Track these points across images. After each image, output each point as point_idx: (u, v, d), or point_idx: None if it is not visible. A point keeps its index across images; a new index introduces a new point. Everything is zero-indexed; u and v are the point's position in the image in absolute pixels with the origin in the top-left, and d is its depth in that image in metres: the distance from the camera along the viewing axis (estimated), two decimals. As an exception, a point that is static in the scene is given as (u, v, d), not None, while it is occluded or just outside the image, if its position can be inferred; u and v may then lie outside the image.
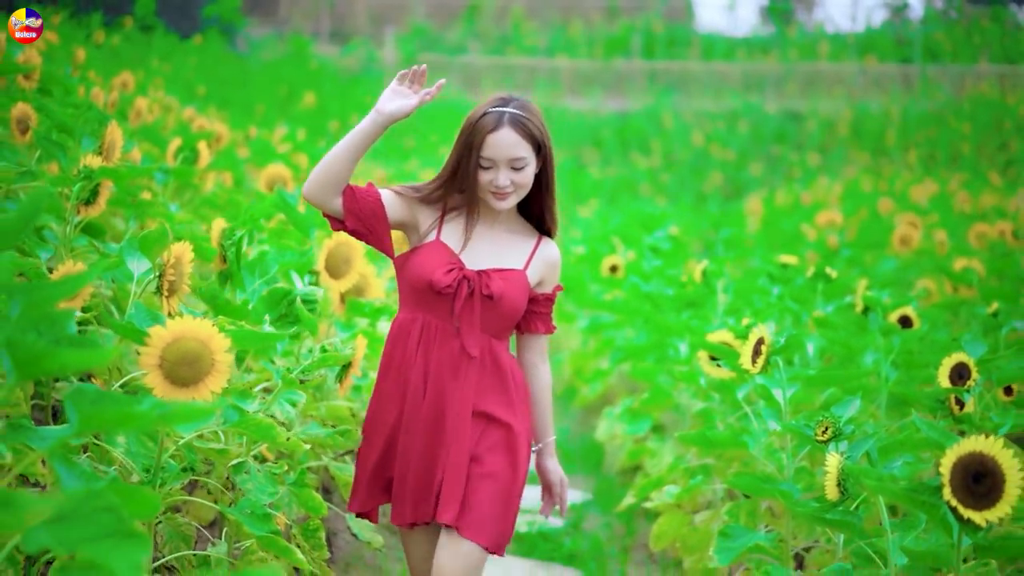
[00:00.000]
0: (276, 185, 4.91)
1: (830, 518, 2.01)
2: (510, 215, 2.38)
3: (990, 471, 1.63)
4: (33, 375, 1.36)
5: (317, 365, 2.39)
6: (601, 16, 24.00)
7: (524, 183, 2.28)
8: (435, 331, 2.29)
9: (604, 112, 18.83)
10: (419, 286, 2.30)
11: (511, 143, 2.25)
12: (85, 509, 1.33)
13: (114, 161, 3.06)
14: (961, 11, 22.59)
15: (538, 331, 2.41)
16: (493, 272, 2.30)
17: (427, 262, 2.29)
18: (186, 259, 2.32)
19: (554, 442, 2.47)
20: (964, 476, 1.64)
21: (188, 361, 2.00)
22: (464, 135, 2.29)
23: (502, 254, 2.34)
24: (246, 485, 2.19)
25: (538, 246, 2.39)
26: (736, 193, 15.93)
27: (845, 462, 2.00)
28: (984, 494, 1.63)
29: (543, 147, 2.31)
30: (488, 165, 2.26)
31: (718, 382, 3.04)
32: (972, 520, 1.64)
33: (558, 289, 2.44)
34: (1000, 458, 1.63)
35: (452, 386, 2.27)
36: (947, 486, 1.65)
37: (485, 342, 2.30)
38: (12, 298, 1.41)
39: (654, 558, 3.77)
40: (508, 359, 2.34)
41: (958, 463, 1.65)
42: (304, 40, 19.18)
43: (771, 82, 20.57)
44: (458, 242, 2.33)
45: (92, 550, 1.28)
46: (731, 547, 2.45)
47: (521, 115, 2.27)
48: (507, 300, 2.28)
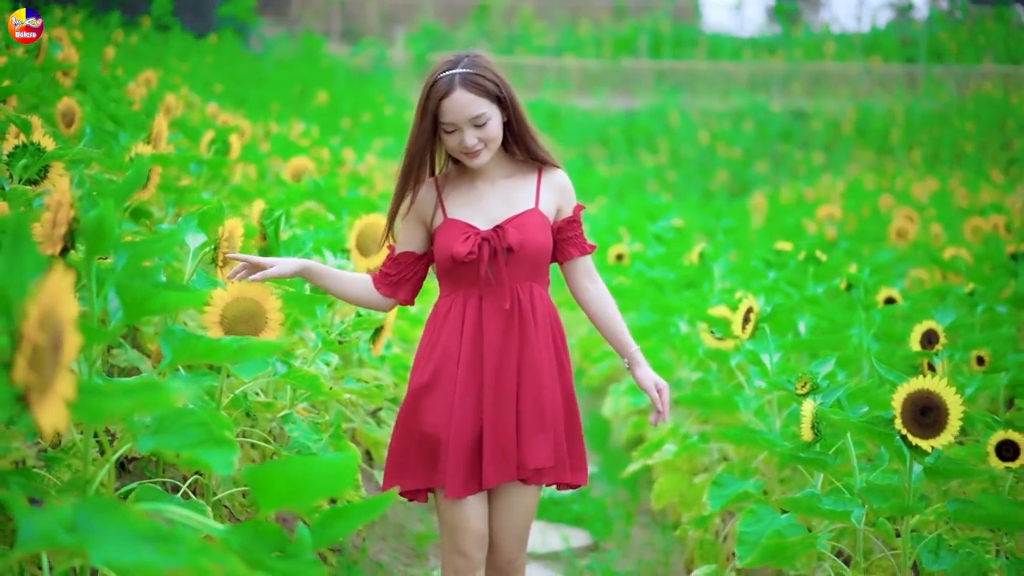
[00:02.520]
0: (303, 175, 5.24)
1: (805, 456, 2.29)
2: (502, 161, 2.37)
3: (935, 405, 1.91)
4: (139, 314, 1.65)
5: (354, 327, 2.68)
6: (609, 16, 24.23)
7: (491, 136, 2.28)
8: (475, 300, 2.30)
9: (611, 111, 19.09)
10: (445, 265, 2.32)
11: (466, 103, 2.24)
12: (180, 424, 1.63)
13: (161, 149, 3.36)
14: (966, 11, 22.74)
15: (573, 256, 2.38)
16: (506, 223, 2.30)
17: (444, 240, 2.31)
18: (237, 234, 2.61)
19: (639, 351, 2.42)
20: (913, 410, 1.92)
21: (245, 318, 2.30)
22: (420, 106, 2.30)
23: (510, 199, 2.34)
24: (294, 432, 2.48)
25: (541, 177, 2.37)
26: (742, 190, 16.16)
27: (818, 407, 2.28)
28: (930, 425, 1.91)
29: (501, 97, 2.29)
30: (451, 129, 2.27)
31: (714, 351, 3.32)
32: (920, 447, 1.92)
33: (579, 208, 2.41)
34: (944, 394, 1.91)
35: (507, 347, 2.27)
36: (898, 418, 1.93)
37: (525, 289, 2.30)
38: (117, 253, 1.71)
39: (656, 520, 4.06)
40: (550, 303, 2.35)
41: (908, 399, 1.93)
42: (316, 39, 19.47)
43: (777, 81, 20.80)
44: (467, 207, 2.33)
45: (192, 452, 1.57)
46: (722, 494, 2.72)
47: (471, 73, 2.25)
48: (529, 244, 2.29)
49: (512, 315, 2.29)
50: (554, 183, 2.38)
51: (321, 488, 1.34)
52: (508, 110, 2.32)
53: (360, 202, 5.01)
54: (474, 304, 2.31)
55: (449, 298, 2.34)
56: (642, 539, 3.94)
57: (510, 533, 2.35)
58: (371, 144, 12.05)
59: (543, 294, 2.34)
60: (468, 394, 2.28)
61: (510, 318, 2.29)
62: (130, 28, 12.89)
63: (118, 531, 1.09)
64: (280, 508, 1.42)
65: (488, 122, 2.27)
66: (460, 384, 2.28)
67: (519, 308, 2.29)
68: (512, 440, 2.27)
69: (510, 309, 2.28)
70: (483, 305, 2.30)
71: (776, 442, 2.48)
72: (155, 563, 1.07)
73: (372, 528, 3.58)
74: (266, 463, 1.37)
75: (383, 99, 16.71)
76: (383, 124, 14.40)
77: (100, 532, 1.09)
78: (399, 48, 21.37)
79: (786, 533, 2.24)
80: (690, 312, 3.94)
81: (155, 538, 1.10)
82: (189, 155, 3.93)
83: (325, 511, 1.45)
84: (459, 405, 2.27)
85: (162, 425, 1.63)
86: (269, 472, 1.36)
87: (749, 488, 2.70)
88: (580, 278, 2.41)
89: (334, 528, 1.44)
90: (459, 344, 2.30)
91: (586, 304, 2.42)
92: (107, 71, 6.74)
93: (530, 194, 2.35)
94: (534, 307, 2.31)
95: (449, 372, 2.30)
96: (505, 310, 2.28)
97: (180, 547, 1.09)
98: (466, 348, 2.29)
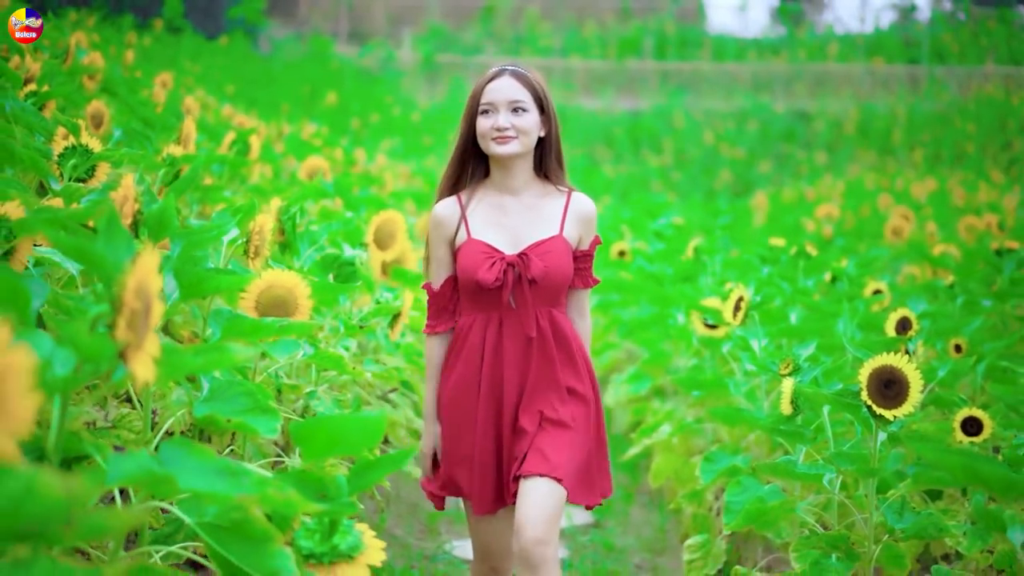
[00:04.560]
0: (316, 174, 5.49)
1: (784, 429, 2.52)
2: (532, 181, 2.37)
3: (898, 379, 2.13)
4: (194, 294, 1.89)
5: (374, 314, 2.91)
6: (614, 17, 24.44)
7: (526, 128, 2.29)
8: (496, 323, 2.32)
9: (616, 111, 19.31)
10: (469, 287, 2.33)
11: (509, 86, 2.30)
12: (230, 393, 1.86)
13: (190, 150, 3.60)
14: (968, 13, 22.89)
15: (575, 287, 2.40)
16: (531, 251, 2.30)
17: (468, 263, 2.32)
18: (267, 228, 2.83)
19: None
20: (878, 383, 2.14)
21: (277, 304, 2.53)
22: (470, 97, 2.36)
23: (536, 221, 2.34)
24: (319, 408, 2.71)
25: (569, 204, 2.37)
26: (745, 190, 16.35)
27: (796, 384, 2.50)
28: (893, 397, 2.13)
29: (544, 104, 2.33)
30: (488, 110, 2.30)
31: (707, 339, 3.55)
32: (883, 416, 2.14)
33: (596, 243, 2.42)
34: (906, 370, 2.14)
35: (527, 369, 2.31)
36: (864, 390, 2.15)
37: (545, 314, 2.32)
38: (174, 240, 1.94)
39: (654, 501, 4.29)
40: (568, 326, 2.36)
41: (873, 373, 2.15)
42: (325, 40, 19.72)
43: (780, 82, 21.01)
44: (491, 227, 2.34)
45: (241, 418, 1.80)
46: (713, 469, 2.95)
47: (521, 69, 2.34)
48: (552, 274, 2.30)
49: (534, 341, 2.31)
50: (581, 212, 2.38)
51: (356, 440, 1.57)
52: (547, 123, 2.35)
53: (373, 200, 5.25)
54: (494, 328, 2.33)
55: (470, 317, 2.36)
56: (641, 517, 4.17)
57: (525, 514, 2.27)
58: (379, 144, 12.29)
59: (562, 318, 2.36)
60: (488, 416, 2.32)
61: (530, 343, 2.32)
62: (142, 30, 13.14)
63: (196, 465, 1.33)
64: (321, 458, 1.65)
65: (526, 113, 2.30)
66: (482, 406, 2.32)
67: (539, 334, 2.32)
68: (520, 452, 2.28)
69: (533, 336, 2.30)
70: (503, 330, 2.32)
71: (759, 418, 2.71)
72: (228, 491, 1.30)
73: (389, 506, 3.81)
74: (308, 419, 1.60)
75: (391, 100, 16.96)
76: (391, 124, 14.64)
77: (181, 466, 1.32)
78: (406, 49, 21.60)
79: (767, 499, 2.46)
80: (686, 304, 4.16)
81: (226, 472, 1.33)
82: (215, 156, 4.16)
83: (358, 462, 1.68)
84: (481, 423, 2.32)
85: (214, 394, 1.86)
86: (312, 427, 1.59)
87: (738, 463, 2.92)
88: (570, 310, 2.41)
89: (367, 477, 1.67)
90: (479, 368, 2.33)
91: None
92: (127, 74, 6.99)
93: (556, 219, 2.35)
94: (554, 331, 2.33)
95: (471, 395, 2.34)
96: (527, 336, 2.31)
97: (246, 479, 1.32)
98: (487, 372, 2.32)
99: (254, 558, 1.56)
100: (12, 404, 0.94)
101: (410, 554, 3.52)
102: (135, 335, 1.26)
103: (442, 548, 3.64)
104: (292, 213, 3.17)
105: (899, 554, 2.36)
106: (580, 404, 2.34)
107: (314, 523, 1.76)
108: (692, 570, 3.09)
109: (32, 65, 4.11)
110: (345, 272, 3.11)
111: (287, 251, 3.15)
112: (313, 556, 1.73)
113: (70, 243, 1.40)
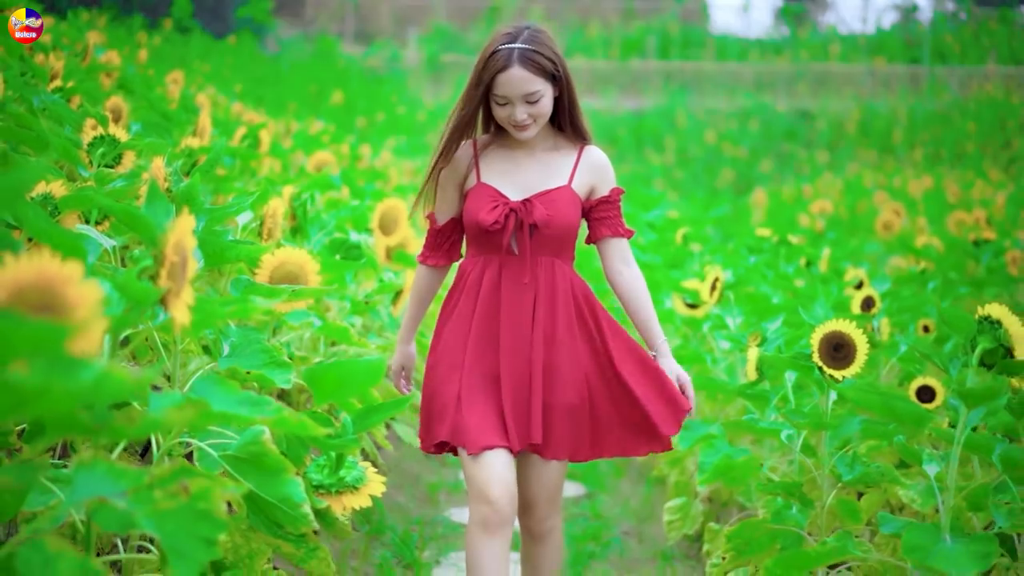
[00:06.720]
0: (323, 168, 5.76)
1: (749, 393, 2.76)
2: (545, 134, 2.39)
3: (846, 343, 2.37)
4: (217, 263, 2.14)
5: (379, 291, 3.15)
6: (618, 18, 24.65)
7: (542, 112, 2.31)
8: (496, 267, 2.34)
9: (620, 111, 19.52)
10: (472, 229, 2.36)
11: (522, 79, 2.27)
12: (250, 349, 2.10)
13: (206, 141, 3.85)
14: (970, 13, 23.05)
15: (604, 235, 2.38)
16: (536, 198, 2.32)
17: (473, 205, 2.35)
18: (279, 212, 3.09)
19: (666, 343, 2.42)
20: (828, 346, 2.38)
21: (289, 279, 2.77)
22: (476, 73, 2.32)
23: (546, 173, 2.36)
24: (326, 376, 2.96)
25: (580, 156, 2.39)
26: (747, 189, 16.53)
27: (761, 352, 2.74)
28: (841, 359, 2.37)
29: (557, 75, 2.31)
30: (503, 102, 2.30)
31: (688, 319, 3.79)
32: (833, 376, 2.38)
33: (618, 191, 2.41)
34: (853, 335, 2.37)
35: (523, 319, 2.31)
36: (816, 353, 2.39)
37: (547, 264, 2.33)
38: (198, 216, 2.19)
39: (642, 475, 4.53)
40: (575, 279, 2.36)
41: (823, 338, 2.39)
42: (331, 40, 19.98)
43: (782, 82, 21.20)
44: (501, 175, 2.37)
45: (260, 370, 2.04)
46: (691, 436, 3.18)
47: (529, 49, 2.27)
48: (555, 222, 2.31)
49: (530, 289, 2.32)
50: (592, 162, 2.39)
51: (361, 382, 1.82)
52: (560, 86, 2.34)
53: (377, 194, 5.50)
54: (493, 272, 2.34)
55: (473, 260, 2.39)
56: (629, 490, 4.42)
57: (537, 495, 2.38)
58: (384, 142, 12.54)
59: (566, 270, 2.36)
60: (482, 358, 2.31)
61: (527, 292, 2.32)
62: (152, 30, 13.40)
63: (224, 396, 1.58)
64: (331, 400, 1.90)
65: (541, 99, 2.29)
66: (472, 348, 2.31)
67: (537, 283, 2.32)
68: (525, 412, 2.29)
69: (528, 283, 2.31)
70: (502, 273, 2.34)
71: (728, 384, 2.95)
72: (251, 414, 1.54)
73: (390, 476, 4.05)
74: (317, 364, 1.85)
75: (396, 99, 17.21)
76: (396, 123, 14.88)
77: (212, 396, 1.57)
78: (411, 49, 21.85)
79: (734, 456, 2.71)
80: (671, 288, 4.40)
81: (248, 401, 1.58)
82: (227, 148, 4.41)
83: (363, 406, 1.93)
84: (470, 367, 2.30)
85: (235, 351, 2.11)
86: (322, 371, 1.84)
87: (713, 431, 3.16)
88: (613, 260, 2.40)
89: (370, 418, 1.92)
90: (473, 309, 2.34)
91: (617, 287, 2.40)
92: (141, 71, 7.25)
93: (566, 170, 2.37)
94: (555, 283, 2.33)
95: (462, 337, 2.34)
96: (523, 283, 2.31)
97: (267, 407, 1.57)
98: (480, 314, 2.33)
99: (270, 486, 1.82)
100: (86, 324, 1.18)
101: (409, 519, 3.76)
102: (175, 284, 1.50)
103: (441, 514, 3.88)
104: (303, 199, 3.42)
105: (853, 506, 2.59)
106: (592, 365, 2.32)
107: (323, 459, 2.01)
108: (672, 530, 3.34)
109: (55, 63, 4.36)
110: (352, 255, 3.37)
111: (298, 235, 3.40)
112: (322, 487, 1.98)
113: (120, 209, 1.65)
